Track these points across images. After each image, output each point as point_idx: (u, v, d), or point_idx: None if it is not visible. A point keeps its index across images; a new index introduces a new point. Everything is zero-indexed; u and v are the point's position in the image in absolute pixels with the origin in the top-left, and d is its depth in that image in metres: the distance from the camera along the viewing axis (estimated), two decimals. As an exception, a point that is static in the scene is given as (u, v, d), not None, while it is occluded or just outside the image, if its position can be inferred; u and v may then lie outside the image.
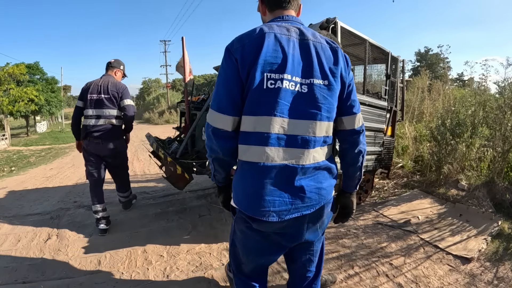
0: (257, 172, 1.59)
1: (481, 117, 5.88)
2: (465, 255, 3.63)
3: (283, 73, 1.53)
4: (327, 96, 1.62)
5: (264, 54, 1.53)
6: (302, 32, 1.65)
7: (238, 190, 1.70)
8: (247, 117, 1.58)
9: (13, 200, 5.93)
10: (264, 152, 1.55)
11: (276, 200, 1.59)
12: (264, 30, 1.58)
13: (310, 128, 1.59)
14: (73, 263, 3.49)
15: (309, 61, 1.60)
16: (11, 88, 21.09)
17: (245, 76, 1.55)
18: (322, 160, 1.67)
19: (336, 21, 4.00)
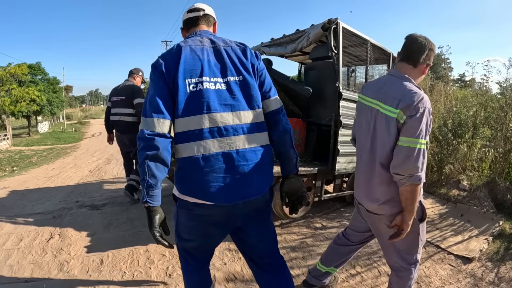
0: (198, 163, 1.74)
1: (483, 117, 5.89)
2: (466, 255, 3.64)
3: (202, 77, 1.80)
4: (244, 88, 1.88)
5: (183, 64, 1.80)
6: (213, 40, 1.96)
7: (182, 181, 1.83)
8: (180, 119, 1.77)
9: (15, 200, 5.94)
10: (201, 145, 1.74)
11: (218, 185, 1.75)
12: (181, 45, 1.88)
13: (236, 118, 1.82)
14: (76, 262, 3.50)
15: (223, 63, 1.89)
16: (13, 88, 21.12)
17: (171, 85, 1.78)
18: (257, 145, 1.88)
19: (337, 21, 4.02)
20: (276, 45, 5.03)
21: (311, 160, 4.50)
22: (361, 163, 2.23)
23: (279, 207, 4.01)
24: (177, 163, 1.85)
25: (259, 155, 1.87)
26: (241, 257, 3.55)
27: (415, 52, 2.01)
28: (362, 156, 2.21)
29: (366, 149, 2.14)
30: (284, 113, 2.08)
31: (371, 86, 2.03)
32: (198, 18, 2.09)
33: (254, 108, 1.90)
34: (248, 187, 1.83)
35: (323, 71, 4.59)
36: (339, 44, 4.06)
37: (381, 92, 1.98)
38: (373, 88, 2.03)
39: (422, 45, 2.00)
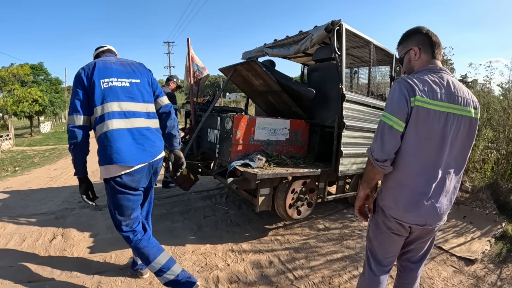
0: (112, 136, 2.49)
1: (485, 119, 5.88)
2: (469, 257, 3.64)
3: (111, 78, 2.61)
4: (139, 88, 2.74)
5: (97, 70, 2.58)
6: (118, 58, 2.90)
7: (106, 151, 2.50)
8: (98, 107, 2.51)
9: (18, 200, 5.94)
10: (112, 123, 2.51)
11: (128, 151, 2.52)
12: (96, 60, 2.70)
13: (134, 107, 2.65)
14: (79, 263, 3.50)
15: (127, 70, 2.74)
16: (15, 89, 21.19)
17: (91, 85, 2.53)
18: (150, 126, 2.73)
19: (341, 23, 4.03)
20: (279, 47, 5.03)
21: (314, 161, 4.50)
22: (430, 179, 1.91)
23: (282, 208, 4.02)
24: (97, 141, 2.57)
25: (151, 133, 2.72)
26: (244, 258, 3.57)
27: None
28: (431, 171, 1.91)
29: (438, 161, 1.90)
30: (171, 106, 3.00)
31: (436, 89, 1.86)
32: (104, 51, 3.09)
33: (146, 102, 2.75)
34: (147, 154, 2.64)
35: (326, 72, 4.59)
36: (343, 46, 4.07)
37: (456, 94, 1.89)
38: (442, 91, 1.87)
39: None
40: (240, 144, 4.04)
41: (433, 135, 1.85)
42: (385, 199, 2.03)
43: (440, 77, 1.92)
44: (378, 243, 2.18)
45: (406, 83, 1.86)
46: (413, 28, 2.08)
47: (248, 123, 4.04)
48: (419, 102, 1.81)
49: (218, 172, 4.39)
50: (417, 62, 2.04)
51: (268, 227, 4.41)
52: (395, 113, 1.85)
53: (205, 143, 4.95)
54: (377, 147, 1.90)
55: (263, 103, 5.53)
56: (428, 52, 2.01)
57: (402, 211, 1.95)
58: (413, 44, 2.04)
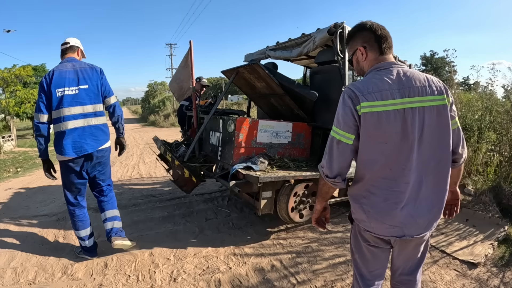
0: (65, 134, 3.32)
1: (488, 121, 5.87)
2: (471, 260, 3.62)
3: (64, 87, 3.33)
4: (87, 93, 3.42)
5: (54, 80, 3.32)
6: (74, 64, 3.49)
7: (58, 145, 3.36)
8: (54, 111, 3.33)
9: (20, 201, 5.95)
10: (64, 125, 3.31)
11: (76, 145, 3.35)
12: (54, 69, 3.42)
13: (81, 110, 3.38)
14: (80, 266, 3.51)
15: (77, 78, 3.40)
16: (18, 90, 21.20)
17: (49, 93, 3.31)
18: (98, 124, 3.49)
19: (343, 26, 4.02)
20: (282, 49, 5.02)
21: (317, 164, 4.48)
22: (401, 184, 1.71)
23: (284, 211, 4.01)
24: (54, 135, 3.39)
25: (96, 129, 3.48)
26: (246, 262, 3.56)
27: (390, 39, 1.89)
28: (401, 175, 1.70)
29: (407, 163, 1.69)
30: (117, 105, 3.69)
31: (384, 87, 1.68)
32: (66, 49, 3.61)
33: (94, 103, 3.46)
34: (89, 146, 3.41)
35: (329, 75, 4.57)
36: (345, 49, 4.05)
37: (410, 86, 1.69)
38: (391, 88, 1.68)
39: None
40: (242, 147, 4.02)
41: (393, 137, 1.66)
42: (355, 212, 1.88)
43: (388, 72, 1.74)
44: (360, 257, 2.01)
45: (349, 91, 1.72)
46: (357, 25, 1.90)
47: (251, 125, 4.03)
48: (365, 108, 1.65)
49: (220, 175, 4.37)
50: (365, 62, 1.88)
51: (270, 230, 4.40)
52: (341, 126, 1.71)
53: (207, 146, 4.95)
54: (326, 163, 1.77)
55: (266, 105, 5.51)
56: (374, 49, 1.83)
57: (374, 223, 1.77)
58: (358, 43, 1.87)
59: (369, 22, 1.84)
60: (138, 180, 7.65)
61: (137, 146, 14.65)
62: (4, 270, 3.41)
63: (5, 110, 21.30)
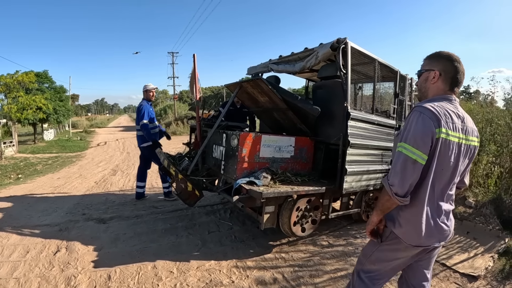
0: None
1: (488, 134, 5.90)
2: (472, 273, 3.65)
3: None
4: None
5: (146, 106, 5.98)
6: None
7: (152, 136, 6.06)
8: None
9: (21, 210, 5.94)
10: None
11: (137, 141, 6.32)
12: (145, 102, 5.94)
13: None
14: (83, 277, 3.51)
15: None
16: (20, 96, 21.25)
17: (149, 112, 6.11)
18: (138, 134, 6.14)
19: (346, 41, 4.06)
20: (284, 63, 5.07)
21: (319, 178, 4.51)
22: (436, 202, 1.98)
23: (287, 226, 4.03)
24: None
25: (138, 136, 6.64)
26: (249, 275, 3.58)
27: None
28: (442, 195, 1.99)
29: (448, 187, 1.99)
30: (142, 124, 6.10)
31: (456, 120, 1.90)
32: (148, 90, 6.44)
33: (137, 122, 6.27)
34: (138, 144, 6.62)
35: (331, 90, 4.61)
36: (348, 64, 4.09)
37: (467, 125, 1.95)
38: (459, 123, 1.92)
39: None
40: (245, 162, 4.05)
41: (450, 164, 1.88)
42: (404, 227, 1.99)
43: (456, 107, 1.93)
44: (382, 271, 2.19)
45: (430, 112, 1.82)
46: (448, 52, 2.00)
47: (254, 140, 4.07)
48: (444, 134, 1.80)
49: (223, 189, 4.40)
50: (433, 86, 2.01)
51: (272, 244, 4.41)
52: (419, 146, 1.80)
53: (210, 159, 4.98)
54: (398, 182, 1.85)
55: (269, 119, 5.55)
56: (447, 82, 1.97)
57: (425, 237, 1.94)
58: (437, 67, 1.98)
59: (457, 59, 1.96)
60: (140, 190, 7.60)
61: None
62: (7, 281, 3.41)
63: (7, 115, 21.32)
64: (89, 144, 22.47)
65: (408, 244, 1.98)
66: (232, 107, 5.11)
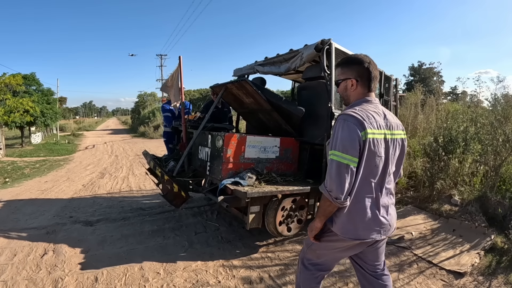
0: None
1: (473, 133, 5.96)
2: (458, 270, 3.69)
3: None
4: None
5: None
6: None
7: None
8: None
9: (9, 213, 5.91)
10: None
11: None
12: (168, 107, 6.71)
13: None
14: (70, 279, 3.51)
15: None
16: (7, 99, 20.99)
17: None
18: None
19: (330, 42, 4.10)
20: (270, 64, 5.10)
21: (304, 178, 4.54)
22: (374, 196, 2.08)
23: (272, 225, 4.05)
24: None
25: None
26: (235, 275, 3.60)
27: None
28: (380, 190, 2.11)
29: (384, 180, 2.10)
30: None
31: (378, 119, 2.03)
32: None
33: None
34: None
35: (316, 91, 4.64)
36: (332, 65, 4.13)
37: (387, 122, 2.06)
38: (381, 120, 2.04)
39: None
40: (230, 162, 4.08)
41: (381, 160, 2.01)
42: (340, 222, 2.06)
43: (376, 107, 2.08)
44: (324, 260, 2.34)
45: (353, 118, 1.93)
46: (356, 56, 2.12)
47: (239, 141, 4.09)
48: (370, 134, 1.92)
49: (209, 190, 4.42)
50: (353, 93, 2.12)
51: (258, 244, 4.44)
52: (348, 151, 1.90)
53: (196, 161, 4.99)
54: (336, 187, 1.92)
55: (254, 121, 5.58)
56: (365, 85, 2.09)
57: (361, 231, 2.03)
58: (352, 74, 2.09)
59: (367, 60, 2.06)
60: (127, 193, 7.65)
61: (127, 158, 14.62)
62: (-6, 285, 3.40)
63: (-7, 119, 21.11)
64: (77, 147, 22.27)
65: (345, 237, 2.06)
66: (215, 109, 5.11)
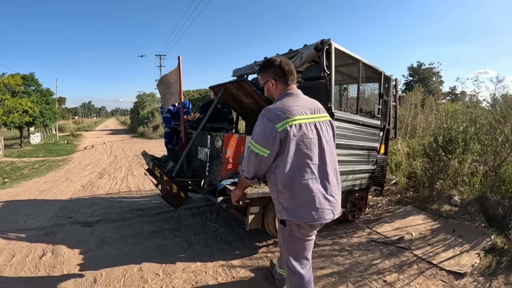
0: None
1: (472, 133, 5.95)
2: (458, 271, 3.67)
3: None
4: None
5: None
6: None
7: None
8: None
9: (7, 214, 5.90)
10: None
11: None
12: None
13: None
14: (69, 281, 3.49)
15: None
16: (6, 99, 20.94)
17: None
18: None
19: (330, 42, 4.08)
20: (270, 64, 5.06)
21: None
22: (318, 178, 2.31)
23: (272, 226, 4.04)
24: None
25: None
26: (235, 276, 3.59)
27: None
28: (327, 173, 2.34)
29: (324, 162, 2.33)
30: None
31: (299, 106, 2.30)
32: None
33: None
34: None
35: (315, 91, 4.59)
36: (332, 65, 4.12)
37: (310, 107, 2.35)
38: (303, 107, 2.31)
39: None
40: (230, 163, 4.06)
41: (313, 142, 2.26)
42: (290, 211, 2.29)
43: (297, 97, 2.38)
44: (296, 249, 2.51)
45: (270, 113, 2.24)
46: (268, 60, 2.47)
47: (238, 141, 4.07)
48: (291, 122, 2.19)
49: (208, 190, 4.40)
50: (276, 91, 2.46)
51: (258, 245, 4.42)
52: (259, 142, 2.22)
53: (195, 161, 4.97)
54: (246, 169, 2.35)
55: (253, 121, 5.53)
56: (283, 82, 2.42)
57: (314, 213, 2.25)
58: (270, 76, 2.43)
59: (278, 59, 2.41)
60: (126, 193, 7.64)
61: (126, 158, 14.60)
62: (-8, 286, 3.39)
63: (-8, 119, 21.06)
64: (76, 147, 22.26)
65: (300, 222, 2.29)
66: (214, 108, 5.09)
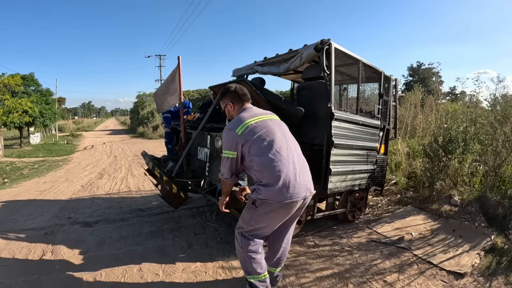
0: None
1: (472, 133, 5.94)
2: (458, 271, 3.67)
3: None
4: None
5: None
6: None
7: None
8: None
9: (7, 214, 5.90)
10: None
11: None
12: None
13: None
14: (69, 281, 3.49)
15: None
16: (6, 99, 20.91)
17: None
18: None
19: (330, 42, 4.08)
20: (269, 64, 5.08)
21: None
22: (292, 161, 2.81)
23: None
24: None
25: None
26: (235, 276, 3.58)
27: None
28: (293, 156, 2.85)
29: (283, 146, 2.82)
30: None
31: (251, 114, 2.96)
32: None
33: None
34: None
35: (315, 91, 4.61)
36: (332, 65, 4.11)
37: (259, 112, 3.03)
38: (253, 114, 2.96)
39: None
40: None
41: (270, 132, 2.81)
42: (266, 191, 2.72)
43: (250, 109, 3.04)
44: (259, 227, 2.94)
45: (229, 125, 2.90)
46: (224, 88, 3.15)
47: (238, 141, 4.05)
48: (246, 124, 2.81)
49: (208, 190, 4.39)
50: (234, 111, 3.09)
51: (258, 244, 4.39)
52: (228, 148, 2.86)
53: (195, 161, 4.96)
54: (223, 171, 2.97)
55: (253, 121, 5.55)
56: (239, 102, 3.08)
57: (287, 193, 2.69)
58: (228, 100, 3.10)
59: (233, 86, 3.10)
60: (126, 193, 7.64)
61: (126, 158, 14.61)
62: (-8, 286, 3.38)
63: (-8, 119, 21.03)
64: (76, 147, 22.26)
65: (276, 201, 2.70)
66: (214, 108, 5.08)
